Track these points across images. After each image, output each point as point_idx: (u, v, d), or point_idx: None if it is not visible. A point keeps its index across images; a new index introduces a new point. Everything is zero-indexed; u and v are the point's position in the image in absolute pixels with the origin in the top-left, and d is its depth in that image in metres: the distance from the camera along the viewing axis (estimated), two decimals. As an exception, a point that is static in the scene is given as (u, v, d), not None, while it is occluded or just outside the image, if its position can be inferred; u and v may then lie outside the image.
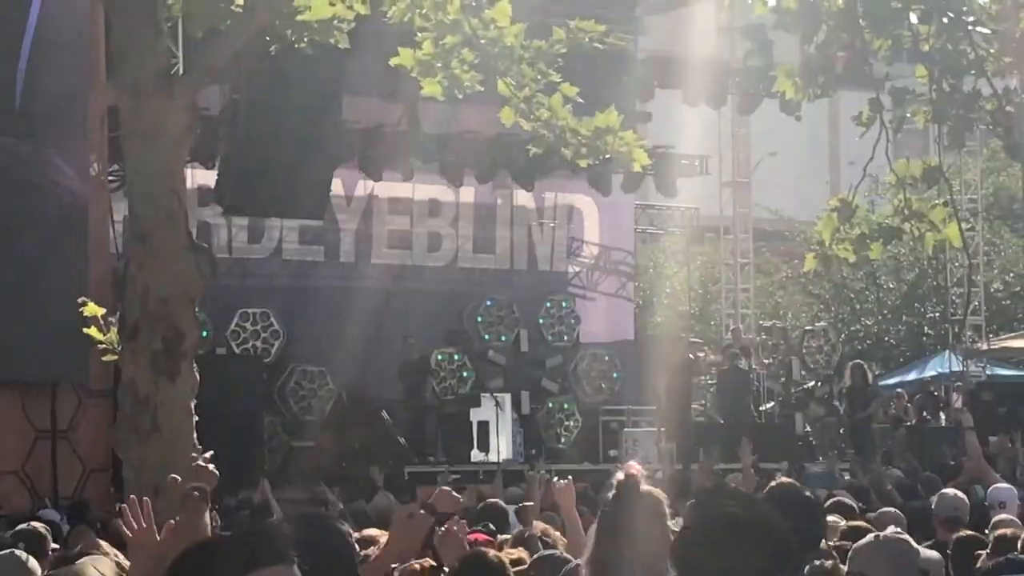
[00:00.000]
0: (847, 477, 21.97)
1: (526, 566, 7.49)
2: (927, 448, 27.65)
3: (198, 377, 9.24)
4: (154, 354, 8.74)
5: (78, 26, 19.84)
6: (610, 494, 5.68)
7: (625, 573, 5.30)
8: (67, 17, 19.90)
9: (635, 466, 5.78)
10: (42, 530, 9.71)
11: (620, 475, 5.68)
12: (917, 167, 9.66)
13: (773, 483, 6.89)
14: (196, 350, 9.15)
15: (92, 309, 9.37)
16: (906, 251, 42.73)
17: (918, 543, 7.55)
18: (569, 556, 7.04)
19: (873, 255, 9.88)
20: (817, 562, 5.89)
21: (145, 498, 5.42)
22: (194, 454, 6.48)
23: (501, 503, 11.15)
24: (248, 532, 3.52)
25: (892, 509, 11.07)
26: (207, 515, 5.49)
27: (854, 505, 11.09)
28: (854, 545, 7.02)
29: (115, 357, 9.35)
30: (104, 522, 13.50)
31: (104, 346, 9.44)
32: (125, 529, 5.49)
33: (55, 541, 10.20)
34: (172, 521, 5.35)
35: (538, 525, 9.11)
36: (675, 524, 5.69)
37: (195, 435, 8.88)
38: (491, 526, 9.31)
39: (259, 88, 21.58)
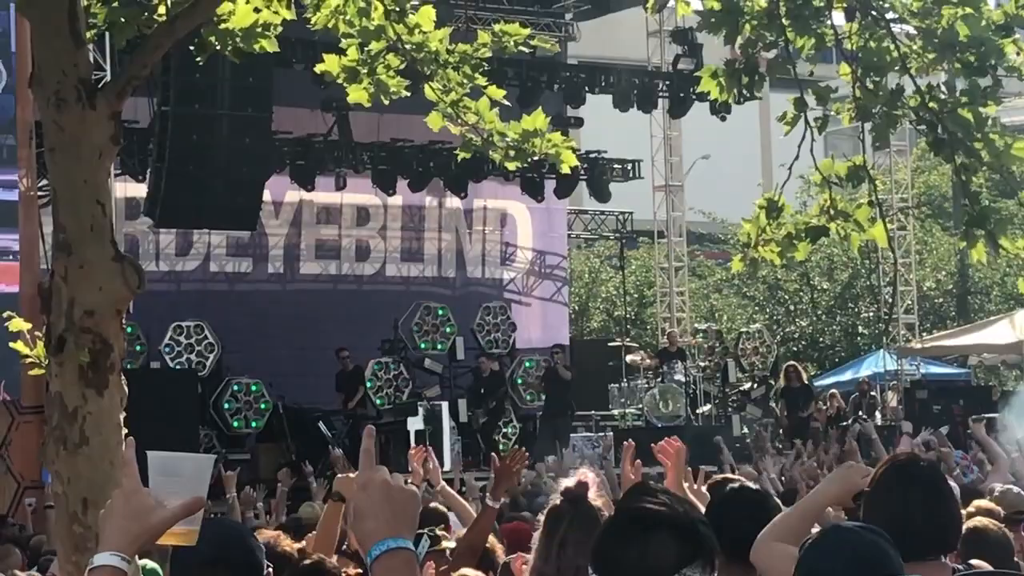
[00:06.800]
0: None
1: None
2: (863, 448, 27.76)
3: (127, 391, 9.15)
4: (81, 367, 8.64)
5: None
6: (555, 499, 5.63)
7: None
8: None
9: (587, 474, 5.73)
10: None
11: (569, 482, 5.62)
12: (842, 166, 9.70)
13: (734, 484, 6.79)
14: (123, 362, 9.05)
15: (17, 324, 9.25)
16: (839, 251, 43.01)
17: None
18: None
19: (799, 256, 9.87)
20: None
21: None
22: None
23: (441, 507, 11.10)
24: None
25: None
26: None
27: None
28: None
29: (43, 371, 9.25)
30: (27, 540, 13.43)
31: (31, 360, 9.33)
32: None
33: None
34: None
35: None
36: None
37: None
38: (435, 531, 9.26)
39: (188, 100, 21.55)
